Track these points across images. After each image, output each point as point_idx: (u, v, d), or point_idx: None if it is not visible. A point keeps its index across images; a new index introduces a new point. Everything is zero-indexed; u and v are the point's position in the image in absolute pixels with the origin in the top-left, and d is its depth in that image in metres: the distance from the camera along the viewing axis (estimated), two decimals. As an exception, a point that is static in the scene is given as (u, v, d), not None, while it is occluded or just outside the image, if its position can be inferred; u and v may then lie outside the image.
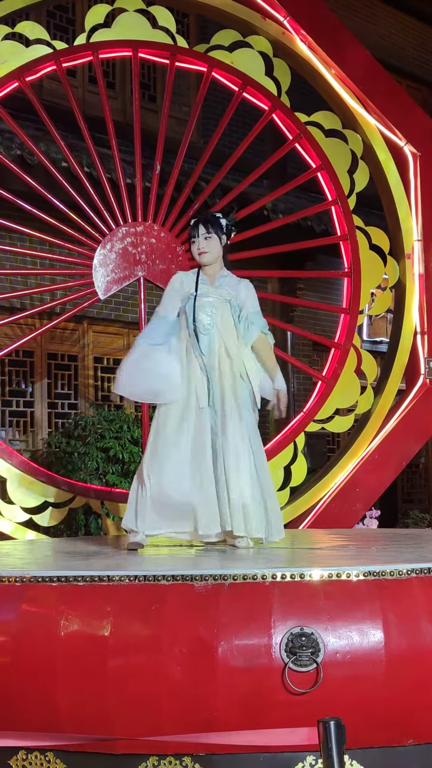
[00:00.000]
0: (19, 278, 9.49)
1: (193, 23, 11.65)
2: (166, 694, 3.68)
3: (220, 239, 5.62)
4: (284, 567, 3.96)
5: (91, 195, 7.45)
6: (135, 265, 7.41)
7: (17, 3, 7.38)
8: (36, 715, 3.82)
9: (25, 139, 7.42)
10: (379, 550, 5.13)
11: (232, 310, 5.59)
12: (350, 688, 3.67)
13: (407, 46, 14.86)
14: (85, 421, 9.01)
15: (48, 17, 10.36)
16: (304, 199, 10.71)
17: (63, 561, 5.01)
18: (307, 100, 8.35)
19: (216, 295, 5.57)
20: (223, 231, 5.64)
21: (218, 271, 5.66)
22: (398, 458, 8.21)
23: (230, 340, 5.54)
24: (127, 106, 10.87)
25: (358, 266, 7.94)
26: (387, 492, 8.59)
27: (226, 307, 5.57)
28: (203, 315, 5.51)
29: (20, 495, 7.07)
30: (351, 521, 7.96)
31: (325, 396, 7.80)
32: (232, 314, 5.59)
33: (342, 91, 8.08)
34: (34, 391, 10.05)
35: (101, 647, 3.76)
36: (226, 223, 5.67)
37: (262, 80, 7.81)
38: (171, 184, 7.61)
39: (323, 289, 12.39)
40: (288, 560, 4.83)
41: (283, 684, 3.62)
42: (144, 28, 7.58)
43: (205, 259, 5.60)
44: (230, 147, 8.98)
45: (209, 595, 3.80)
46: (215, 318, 5.52)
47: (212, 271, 5.64)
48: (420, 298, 8.21)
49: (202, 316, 5.51)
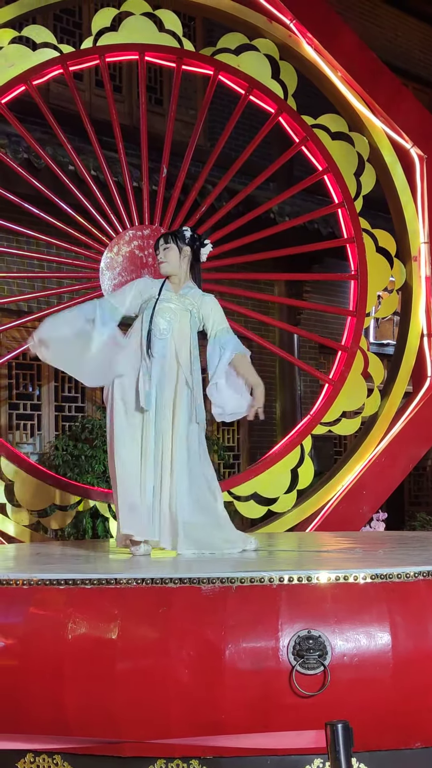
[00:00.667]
0: (26, 281, 9.49)
1: (200, 26, 11.65)
2: (173, 697, 3.68)
3: (180, 250, 5.63)
4: (291, 570, 3.97)
5: (98, 198, 7.47)
6: (142, 269, 7.41)
7: (24, 7, 7.40)
8: (44, 718, 3.83)
9: (32, 142, 7.44)
10: (386, 552, 5.13)
11: (191, 320, 5.60)
12: (358, 691, 3.67)
13: (413, 49, 14.84)
14: (92, 424, 9.01)
15: (55, 21, 10.36)
16: (311, 202, 10.71)
17: (70, 564, 5.02)
18: (314, 102, 8.35)
19: (178, 302, 5.59)
20: (185, 242, 5.66)
21: (183, 282, 5.68)
22: (405, 461, 8.20)
23: (183, 349, 5.54)
24: (133, 109, 10.87)
25: (364, 269, 7.94)
26: (394, 495, 8.57)
27: (186, 316, 5.58)
28: (161, 319, 5.52)
29: (28, 498, 7.07)
30: (358, 524, 7.95)
31: (332, 399, 7.79)
32: (191, 324, 5.60)
33: (348, 94, 8.08)
34: (41, 395, 10.05)
35: (109, 650, 3.76)
36: (191, 234, 5.69)
37: (269, 83, 7.81)
38: (178, 187, 7.62)
39: (330, 291, 12.38)
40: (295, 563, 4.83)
41: (290, 687, 3.62)
42: (151, 31, 7.58)
43: (163, 268, 5.65)
44: (237, 150, 8.97)
45: (216, 598, 3.80)
46: (173, 324, 5.54)
47: (177, 281, 5.66)
48: (427, 301, 8.20)
49: (159, 320, 5.51)
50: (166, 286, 5.62)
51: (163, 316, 5.52)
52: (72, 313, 5.62)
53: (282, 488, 7.59)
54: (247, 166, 7.94)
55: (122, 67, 10.95)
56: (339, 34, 8.14)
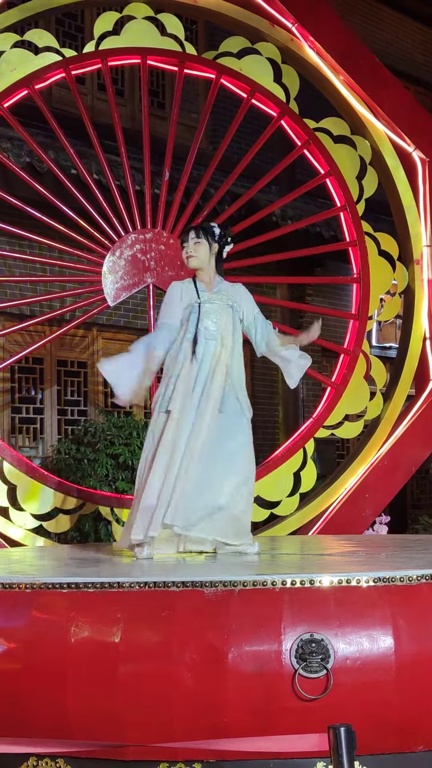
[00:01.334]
0: (29, 285, 9.49)
1: (202, 30, 11.66)
2: (176, 701, 3.68)
3: (210, 246, 5.64)
4: (294, 573, 3.97)
5: (101, 202, 7.48)
6: (144, 272, 7.43)
7: (26, 11, 7.41)
8: (46, 722, 3.83)
9: (35, 146, 7.45)
10: (389, 556, 5.13)
11: (233, 315, 5.62)
12: (360, 695, 3.67)
13: (415, 52, 14.84)
14: (94, 428, 9.01)
15: (57, 25, 10.37)
16: (313, 205, 10.71)
17: (73, 568, 5.02)
18: (316, 106, 8.36)
19: (218, 300, 5.59)
20: (215, 239, 5.66)
21: (213, 277, 5.69)
22: (408, 464, 8.20)
23: (227, 346, 5.57)
24: (136, 113, 10.88)
25: (367, 272, 7.95)
26: (397, 498, 8.58)
27: (228, 312, 5.60)
28: (209, 321, 5.52)
29: (30, 502, 7.08)
30: (361, 527, 7.95)
31: (334, 402, 7.80)
32: (233, 319, 5.62)
33: (350, 97, 8.09)
34: (43, 398, 10.05)
35: (112, 654, 3.76)
36: (219, 231, 5.70)
37: (271, 87, 7.83)
38: (180, 190, 7.63)
39: (332, 295, 12.38)
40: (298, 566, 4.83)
41: (293, 690, 3.62)
42: (153, 35, 7.60)
43: (192, 263, 5.64)
44: (239, 153, 8.98)
45: (219, 602, 3.80)
46: (219, 324, 5.55)
47: (206, 277, 5.67)
48: (429, 304, 8.21)
49: (207, 322, 5.51)
50: (199, 286, 5.61)
51: (209, 317, 5.53)
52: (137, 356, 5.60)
53: (285, 491, 7.59)
54: (249, 169, 7.96)
55: (124, 71, 10.96)
56: (341, 38, 8.15)
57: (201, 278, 5.66)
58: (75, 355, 10.30)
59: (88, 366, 10.38)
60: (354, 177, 7.98)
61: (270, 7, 7.90)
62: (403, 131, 8.20)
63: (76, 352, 10.29)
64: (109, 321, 10.37)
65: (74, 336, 10.17)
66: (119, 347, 10.58)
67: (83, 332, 10.24)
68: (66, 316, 8.40)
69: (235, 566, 4.78)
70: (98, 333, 10.47)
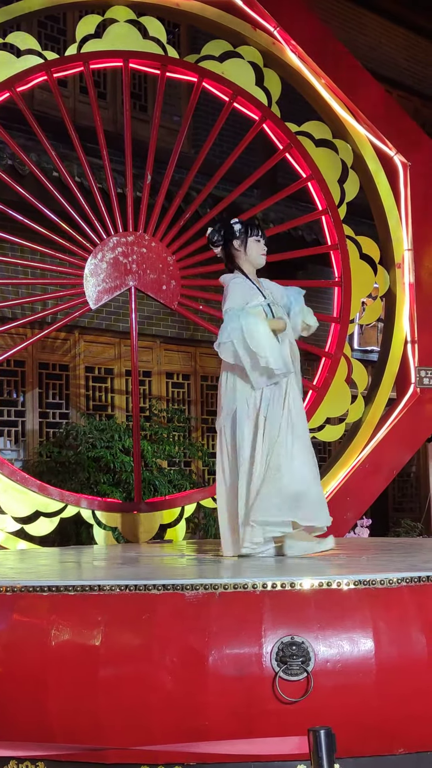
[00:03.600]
0: (10, 288, 9.49)
1: (184, 34, 11.67)
2: (157, 704, 3.68)
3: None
4: (275, 576, 3.96)
5: (82, 205, 7.47)
6: (126, 275, 7.42)
7: (8, 14, 7.40)
8: (27, 725, 3.82)
9: (16, 149, 7.44)
10: (370, 559, 5.13)
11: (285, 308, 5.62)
12: (341, 697, 3.67)
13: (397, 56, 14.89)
14: (76, 431, 9.01)
15: (39, 28, 10.37)
16: (295, 209, 10.74)
17: (54, 571, 5.01)
18: (298, 110, 8.38)
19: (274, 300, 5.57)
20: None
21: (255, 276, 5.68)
22: (389, 467, 8.22)
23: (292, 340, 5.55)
24: (118, 116, 10.88)
25: (348, 275, 7.97)
26: (378, 501, 8.60)
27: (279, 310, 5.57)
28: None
29: (12, 505, 7.06)
30: (342, 530, 7.96)
31: (315, 405, 7.81)
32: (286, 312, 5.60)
33: (332, 101, 8.11)
34: (25, 401, 10.04)
35: (92, 657, 3.76)
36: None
37: (253, 90, 7.84)
38: (162, 193, 7.63)
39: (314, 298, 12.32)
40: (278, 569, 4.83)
41: (273, 693, 3.62)
42: (135, 38, 7.60)
43: (264, 260, 5.64)
44: (221, 157, 9.00)
45: (200, 605, 3.80)
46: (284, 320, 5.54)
47: (254, 277, 5.65)
48: (410, 307, 8.24)
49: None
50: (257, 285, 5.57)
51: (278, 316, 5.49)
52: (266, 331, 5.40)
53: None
54: (231, 172, 7.96)
55: (106, 74, 10.96)
56: (323, 42, 8.18)
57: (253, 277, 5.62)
58: (57, 358, 10.29)
59: (70, 369, 10.38)
60: (336, 181, 8.00)
61: (252, 10, 7.91)
62: (384, 134, 8.22)
63: (58, 355, 10.29)
64: (90, 324, 10.37)
65: (56, 339, 10.17)
66: (101, 350, 10.59)
67: (65, 335, 10.24)
68: (48, 318, 8.39)
69: (216, 569, 4.79)
70: (80, 336, 10.47)
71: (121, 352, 10.56)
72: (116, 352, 10.64)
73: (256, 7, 7.91)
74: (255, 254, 5.61)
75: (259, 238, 5.61)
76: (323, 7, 12.47)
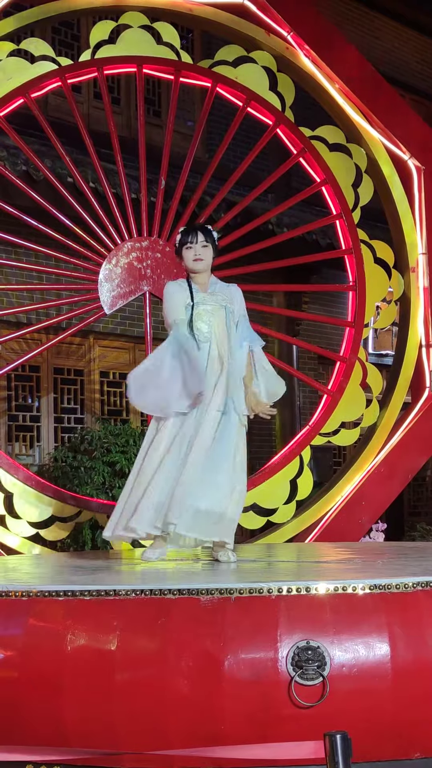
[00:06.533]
0: (25, 293, 9.51)
1: (198, 39, 11.70)
2: (172, 709, 3.68)
3: (213, 250, 5.69)
4: (290, 580, 3.97)
5: (97, 210, 7.48)
6: (140, 280, 7.43)
7: (22, 20, 7.42)
8: (43, 730, 3.83)
9: (31, 154, 7.46)
10: (385, 563, 5.13)
11: (227, 315, 5.62)
12: (357, 702, 3.67)
13: (410, 60, 14.90)
14: (91, 436, 9.02)
15: (53, 34, 10.40)
16: (309, 213, 10.74)
17: (69, 575, 5.02)
18: (312, 114, 8.37)
19: (212, 302, 5.60)
20: (215, 243, 5.72)
21: (208, 279, 5.72)
22: (404, 471, 8.20)
23: (223, 347, 5.56)
24: (132, 121, 10.91)
25: (362, 280, 7.96)
26: (393, 505, 8.58)
27: (222, 313, 5.59)
28: (201, 323, 5.53)
29: (27, 509, 7.07)
30: (357, 534, 7.95)
31: (330, 409, 7.80)
32: (227, 320, 5.61)
33: (346, 106, 8.10)
34: (40, 406, 10.06)
35: (108, 661, 3.76)
36: (216, 236, 5.76)
37: (266, 95, 7.83)
38: (176, 198, 7.63)
39: (328, 302, 12.41)
40: (294, 574, 4.83)
41: (289, 697, 3.62)
42: (149, 43, 7.61)
43: (199, 266, 5.64)
44: (235, 161, 9.00)
45: (215, 609, 3.80)
46: (212, 326, 5.54)
47: (203, 279, 5.69)
48: (425, 311, 8.22)
49: (200, 324, 5.52)
50: (194, 287, 5.63)
51: (202, 319, 5.53)
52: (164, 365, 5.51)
53: (281, 499, 7.59)
54: (245, 177, 7.96)
55: (120, 80, 10.99)
56: (336, 46, 8.17)
57: (197, 280, 5.67)
58: (71, 363, 10.31)
59: (85, 374, 10.40)
60: (350, 185, 7.99)
61: (266, 15, 7.91)
62: (399, 139, 8.21)
63: (73, 360, 10.31)
64: (105, 329, 10.40)
65: (71, 344, 10.20)
66: (115, 355, 10.61)
67: (80, 340, 10.26)
68: (62, 324, 8.41)
69: (232, 573, 4.79)
70: (95, 341, 10.49)
71: (136, 357, 10.57)
72: (131, 356, 10.66)
73: (269, 12, 7.91)
74: (188, 261, 5.68)
75: (190, 245, 5.64)
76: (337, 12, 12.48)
